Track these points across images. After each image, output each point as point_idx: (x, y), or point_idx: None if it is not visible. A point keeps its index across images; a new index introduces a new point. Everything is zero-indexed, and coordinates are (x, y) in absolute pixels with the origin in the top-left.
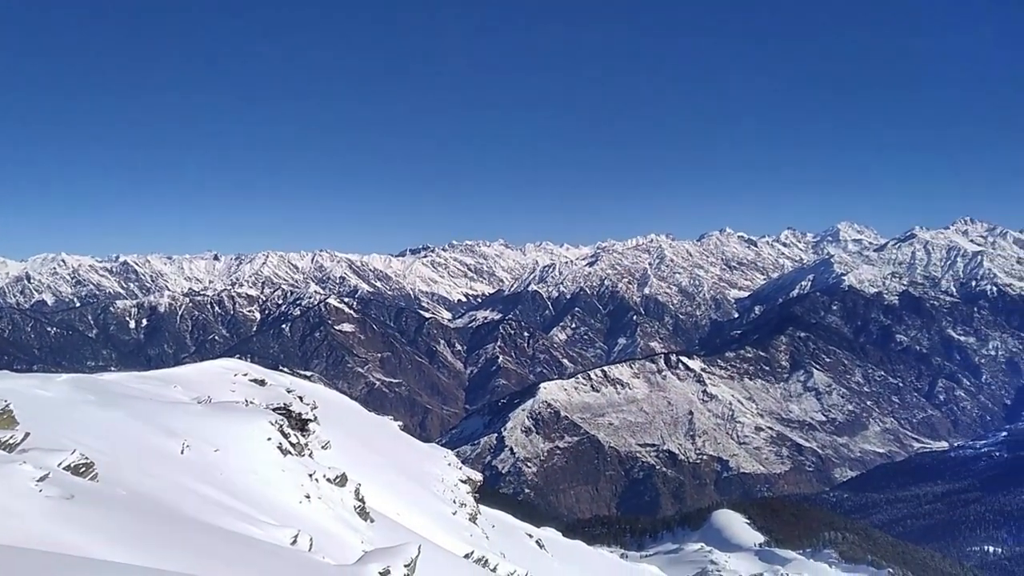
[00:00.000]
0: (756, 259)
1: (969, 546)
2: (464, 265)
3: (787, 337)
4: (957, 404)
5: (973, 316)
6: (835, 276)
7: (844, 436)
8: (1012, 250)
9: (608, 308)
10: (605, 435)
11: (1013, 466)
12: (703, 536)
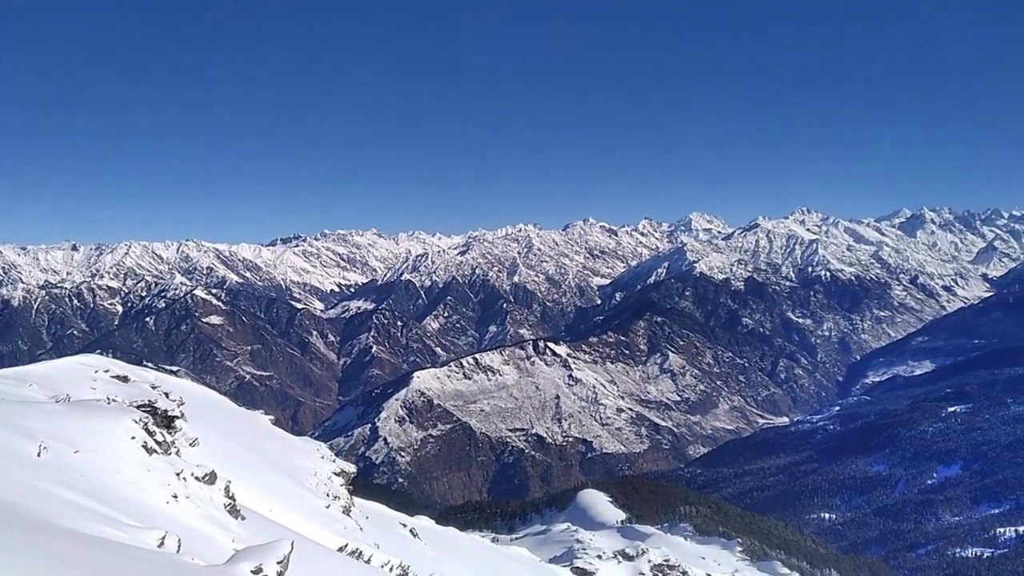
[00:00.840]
0: (617, 248)
1: (808, 514)
2: (337, 255)
3: (645, 322)
4: (796, 382)
5: (810, 300)
6: (688, 263)
7: (697, 415)
8: (843, 238)
9: (479, 296)
10: (477, 422)
11: (845, 438)
12: (569, 516)
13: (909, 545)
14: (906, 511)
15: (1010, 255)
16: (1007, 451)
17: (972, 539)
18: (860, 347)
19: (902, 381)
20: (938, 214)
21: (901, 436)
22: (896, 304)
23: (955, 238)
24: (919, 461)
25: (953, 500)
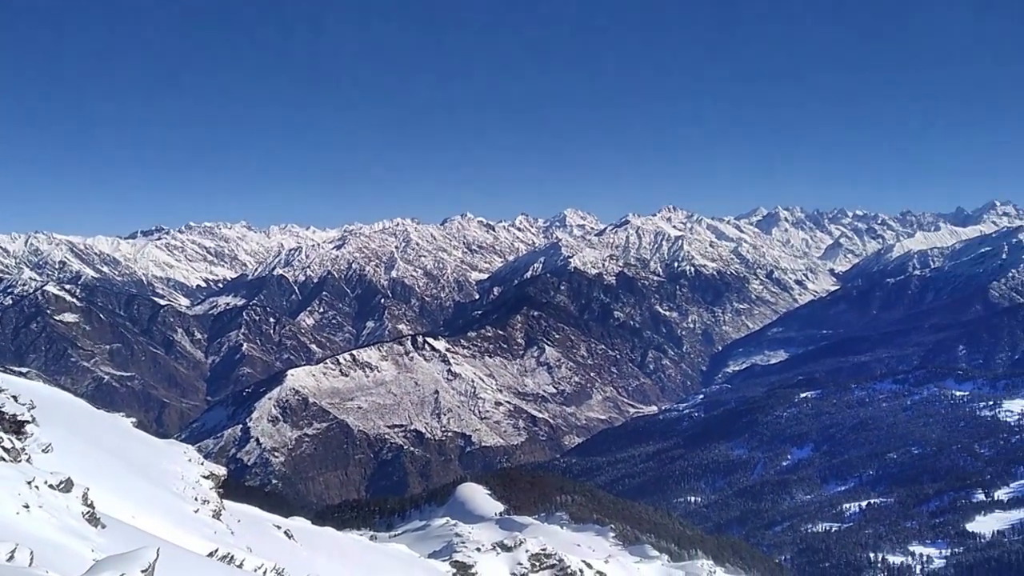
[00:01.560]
0: (495, 243)
1: (676, 497)
2: (203, 248)
3: (522, 316)
4: (664, 372)
5: (676, 293)
6: (563, 259)
7: (572, 406)
8: (706, 235)
9: (356, 292)
10: (354, 419)
11: (709, 425)
12: (449, 510)
13: (767, 523)
14: (764, 491)
15: (854, 251)
16: (852, 433)
17: (822, 515)
18: (722, 338)
19: (759, 369)
20: (791, 213)
21: (759, 421)
22: (754, 297)
23: (806, 235)
24: (775, 444)
25: (805, 480)
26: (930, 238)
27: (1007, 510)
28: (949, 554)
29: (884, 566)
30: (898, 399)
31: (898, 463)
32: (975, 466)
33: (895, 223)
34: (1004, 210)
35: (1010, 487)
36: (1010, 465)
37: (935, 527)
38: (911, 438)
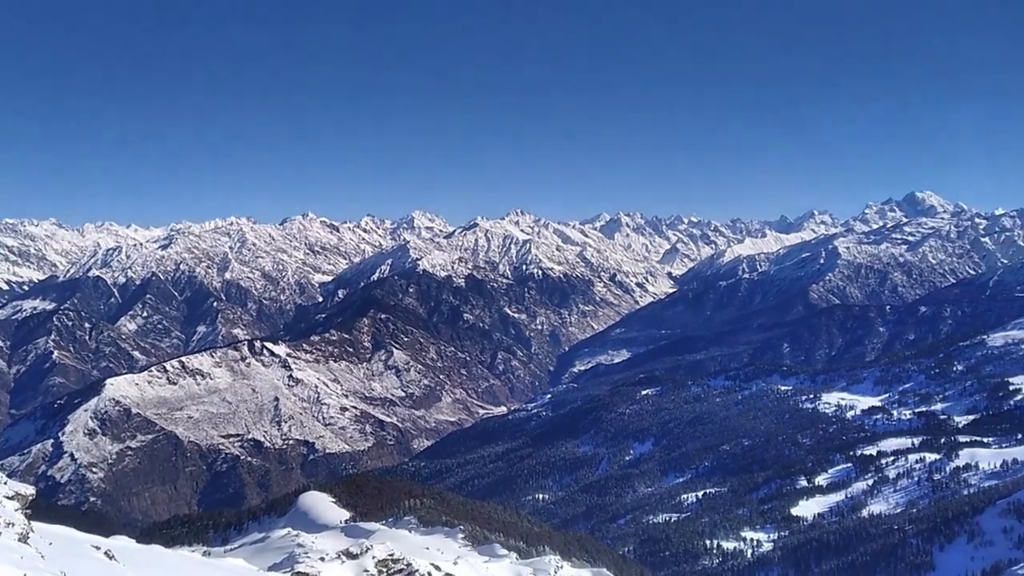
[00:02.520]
0: (339, 244)
1: (524, 496)
2: (5, 247)
3: (369, 319)
4: (513, 373)
5: (525, 296)
6: (411, 261)
7: (421, 409)
8: (553, 239)
9: (186, 294)
10: (184, 430)
11: (556, 423)
12: (290, 521)
13: (611, 517)
14: (608, 486)
15: (690, 256)
16: (689, 427)
17: (662, 506)
18: (568, 339)
19: (604, 369)
20: (632, 219)
21: (603, 418)
22: (598, 299)
23: (646, 240)
24: (618, 440)
25: (647, 473)
26: (758, 244)
27: (826, 494)
28: (776, 537)
29: (719, 552)
30: (730, 394)
31: (731, 454)
32: (798, 455)
33: (726, 230)
34: (822, 219)
35: (828, 473)
36: (828, 453)
37: (764, 513)
38: (742, 431)
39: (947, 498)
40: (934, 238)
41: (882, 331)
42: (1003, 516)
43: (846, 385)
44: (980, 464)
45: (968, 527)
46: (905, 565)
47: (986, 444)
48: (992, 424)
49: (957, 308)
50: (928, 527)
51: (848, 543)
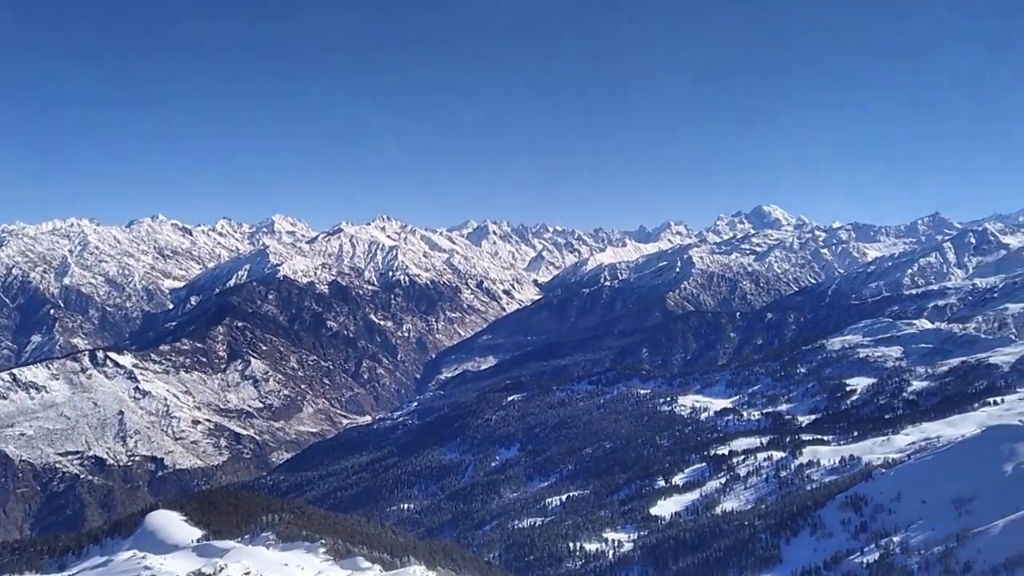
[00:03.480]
0: (192, 248)
1: (389, 506)
2: None
3: (225, 327)
4: (379, 381)
5: (391, 302)
6: (271, 266)
7: (281, 420)
8: (420, 245)
9: (18, 301)
10: (15, 448)
11: (422, 431)
12: (137, 542)
13: (477, 523)
14: (474, 493)
15: (555, 263)
16: (553, 431)
17: (527, 511)
18: (435, 346)
19: (471, 375)
20: (499, 226)
21: (470, 425)
22: (466, 306)
23: (512, 248)
24: (485, 446)
25: (512, 478)
26: (619, 253)
27: (682, 493)
28: (636, 537)
29: (582, 553)
30: (593, 398)
31: (593, 457)
32: (657, 456)
33: (589, 239)
34: (678, 229)
35: (684, 473)
36: (684, 453)
37: (625, 513)
38: (604, 433)
39: (792, 494)
40: (779, 249)
41: (733, 336)
42: (841, 509)
43: (700, 388)
44: (821, 461)
45: (811, 520)
46: (755, 559)
47: (826, 442)
48: (831, 423)
49: (800, 315)
50: (776, 522)
51: (703, 540)
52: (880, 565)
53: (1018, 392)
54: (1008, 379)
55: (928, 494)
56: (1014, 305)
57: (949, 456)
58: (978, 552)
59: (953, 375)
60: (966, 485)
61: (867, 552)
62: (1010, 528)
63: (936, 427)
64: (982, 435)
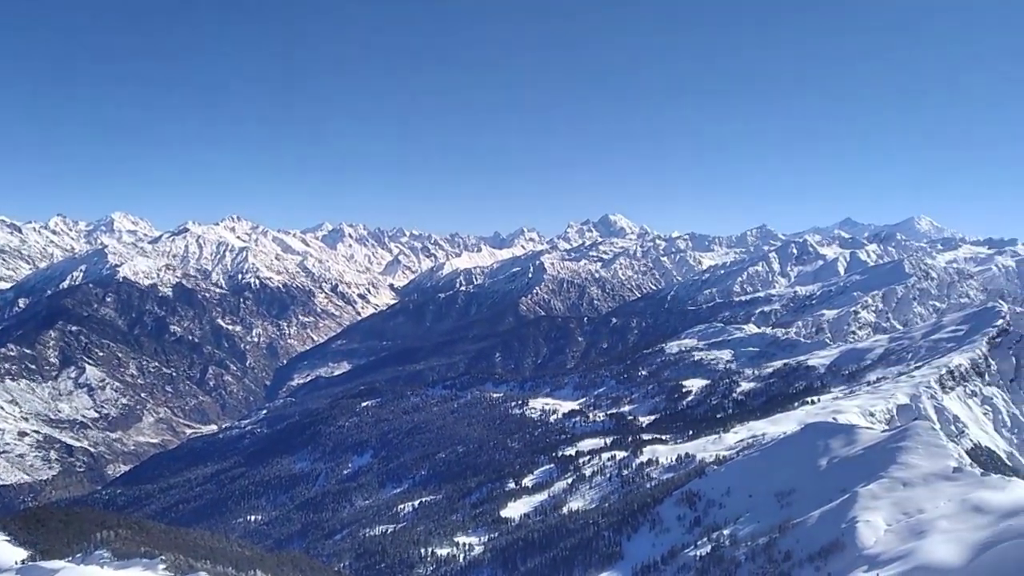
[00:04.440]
0: (21, 247)
1: (235, 519)
2: None
3: (57, 332)
4: (226, 389)
5: (240, 306)
6: (109, 267)
7: (118, 431)
8: (272, 247)
9: None
10: None
11: (272, 440)
12: None
13: (328, 533)
14: (325, 502)
15: (411, 268)
16: (407, 437)
17: (379, 518)
18: (287, 351)
19: (323, 381)
20: (355, 229)
21: (322, 432)
22: (319, 310)
23: (369, 251)
24: (337, 454)
25: (364, 486)
26: (474, 258)
27: (532, 495)
28: (487, 540)
29: (433, 559)
30: (447, 403)
31: (446, 461)
32: (508, 458)
33: (446, 243)
34: (531, 236)
35: (534, 474)
36: (534, 455)
37: (476, 517)
38: (457, 438)
39: (633, 492)
40: (624, 257)
41: (581, 340)
42: (678, 505)
43: (550, 391)
44: (660, 459)
45: (650, 517)
46: (599, 557)
47: (664, 441)
48: (669, 423)
49: (642, 319)
50: (618, 519)
51: (550, 540)
52: (711, 557)
53: (832, 392)
54: (824, 380)
55: (754, 488)
56: (829, 311)
57: (772, 452)
58: (797, 542)
59: (776, 376)
60: (787, 479)
61: (700, 545)
62: (824, 518)
63: (761, 425)
64: (801, 432)
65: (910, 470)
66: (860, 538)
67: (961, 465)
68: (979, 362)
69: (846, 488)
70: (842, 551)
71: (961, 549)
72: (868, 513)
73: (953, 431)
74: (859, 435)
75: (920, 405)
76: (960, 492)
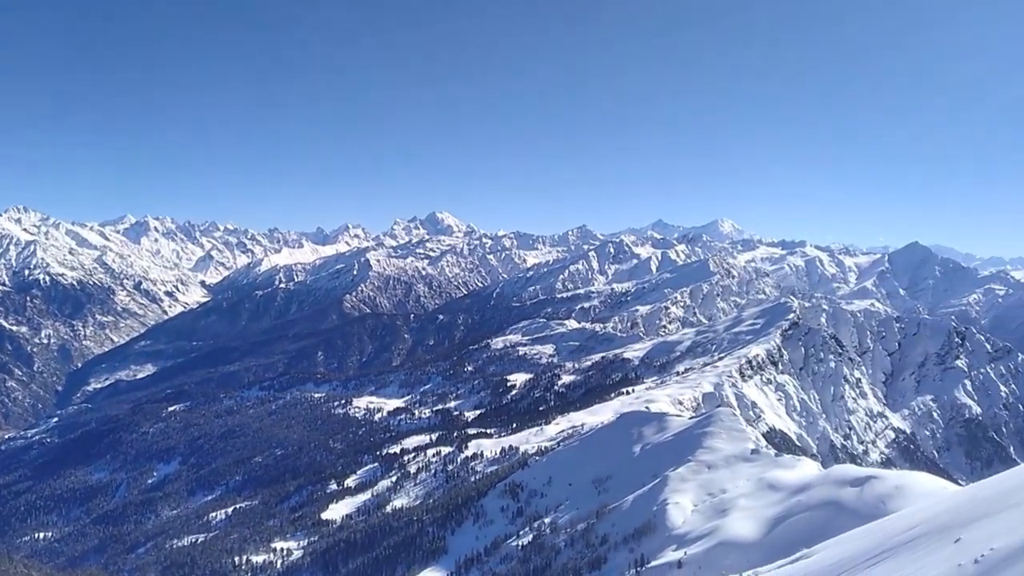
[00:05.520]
0: None
1: (20, 537)
2: None
3: None
4: (9, 395)
5: (27, 305)
6: None
7: None
8: (65, 241)
9: None
10: None
11: (64, 450)
12: None
13: (129, 547)
14: (127, 514)
15: (225, 264)
16: (220, 442)
17: (189, 528)
18: (83, 354)
19: (125, 386)
20: (161, 223)
21: (123, 440)
22: (120, 309)
23: (177, 246)
24: (141, 462)
25: (172, 495)
26: (295, 254)
27: (355, 495)
28: (307, 543)
29: (248, 567)
30: (264, 405)
31: (263, 466)
32: (329, 459)
33: (264, 239)
34: (356, 232)
35: (357, 474)
36: (357, 455)
37: (295, 521)
38: (275, 440)
39: (458, 486)
40: (451, 254)
41: (407, 338)
42: (501, 497)
43: (375, 389)
44: (485, 452)
45: (474, 510)
46: (423, 553)
47: (489, 435)
48: (494, 416)
49: (468, 316)
50: (442, 515)
51: (373, 539)
52: (533, 546)
53: (646, 382)
54: (638, 371)
55: (574, 477)
56: (643, 307)
57: (590, 442)
58: (613, 526)
59: (595, 369)
60: (604, 466)
61: (523, 535)
62: (638, 502)
63: (581, 416)
64: (617, 421)
65: (714, 453)
66: (670, 519)
67: (758, 447)
68: (773, 352)
69: (657, 473)
70: (654, 532)
71: (758, 524)
72: (677, 495)
73: (752, 416)
74: (669, 422)
75: (723, 393)
76: (757, 472)
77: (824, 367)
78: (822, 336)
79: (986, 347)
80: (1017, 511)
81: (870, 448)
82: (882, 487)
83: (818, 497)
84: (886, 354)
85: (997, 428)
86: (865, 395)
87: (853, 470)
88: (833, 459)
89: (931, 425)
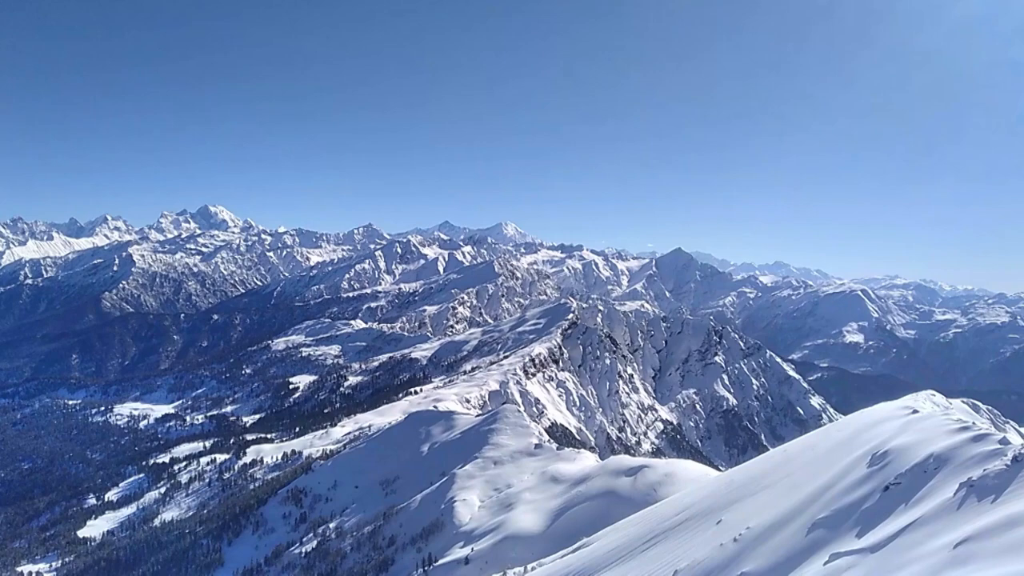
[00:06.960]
0: None
1: None
2: None
3: None
4: None
5: None
6: None
7: None
8: None
9: None
10: None
11: None
12: None
13: None
14: None
15: None
16: None
17: None
18: None
19: None
20: None
21: None
22: None
23: None
24: None
25: None
26: (43, 247)
27: (117, 509)
28: (60, 565)
29: None
30: (7, 414)
31: (6, 482)
32: (87, 472)
33: (6, 230)
34: (116, 224)
35: (120, 487)
36: (120, 466)
37: (46, 541)
38: (21, 453)
39: (236, 495)
40: (226, 250)
41: (177, 339)
42: (283, 503)
43: (140, 395)
44: (265, 458)
45: (254, 518)
46: (196, 566)
47: (270, 440)
48: (276, 421)
49: (247, 316)
50: (218, 525)
51: (140, 556)
52: (317, 552)
53: (434, 382)
54: (426, 371)
55: (360, 479)
56: (431, 307)
57: (377, 443)
58: (400, 527)
59: (383, 369)
60: (392, 467)
61: (306, 542)
62: (426, 501)
63: (368, 417)
64: (405, 421)
65: (500, 449)
66: (457, 516)
67: (541, 442)
68: (555, 351)
69: (446, 471)
70: (442, 530)
71: (542, 517)
72: (464, 492)
73: (535, 412)
74: (457, 420)
75: (508, 390)
76: (541, 466)
77: (600, 364)
78: (598, 335)
79: (740, 344)
80: (767, 493)
81: (642, 439)
82: (653, 475)
83: (596, 487)
84: (655, 351)
85: (751, 418)
86: (637, 390)
87: (627, 460)
88: (610, 450)
89: (695, 416)
